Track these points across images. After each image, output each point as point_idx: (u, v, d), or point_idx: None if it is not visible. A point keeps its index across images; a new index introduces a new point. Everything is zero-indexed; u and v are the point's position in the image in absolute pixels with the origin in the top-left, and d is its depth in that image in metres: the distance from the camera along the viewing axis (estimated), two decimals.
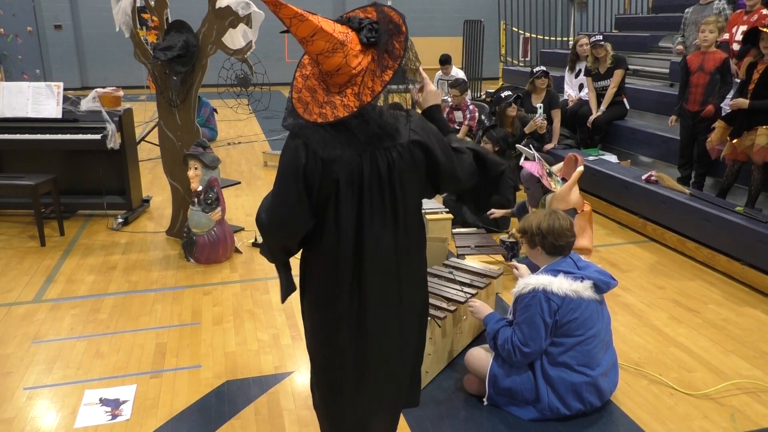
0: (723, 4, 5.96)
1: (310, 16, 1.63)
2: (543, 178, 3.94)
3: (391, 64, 1.71)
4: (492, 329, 2.75)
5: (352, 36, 1.69)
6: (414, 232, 1.90)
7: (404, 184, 1.81)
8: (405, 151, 1.79)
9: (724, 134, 4.75)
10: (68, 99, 5.16)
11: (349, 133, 1.74)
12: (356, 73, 1.70)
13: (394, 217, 1.82)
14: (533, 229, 2.71)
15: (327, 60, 1.67)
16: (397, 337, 1.93)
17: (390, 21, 1.72)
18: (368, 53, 1.72)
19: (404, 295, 1.90)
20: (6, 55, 13.44)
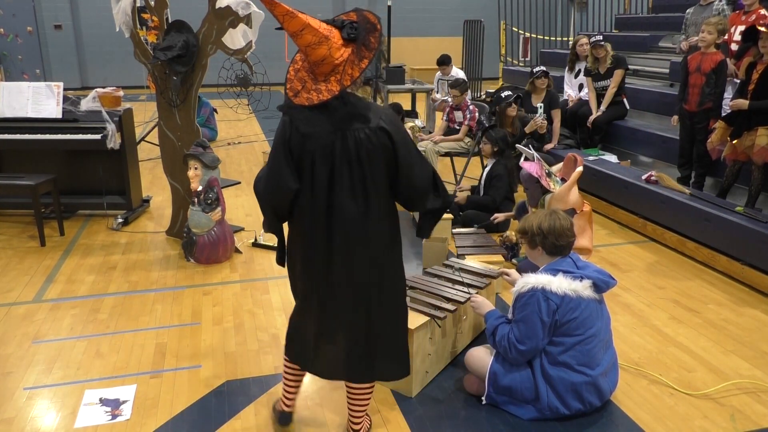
0: (723, 5, 5.96)
1: (299, 13, 1.97)
2: (542, 179, 3.94)
3: (368, 55, 2.06)
4: (491, 325, 2.76)
5: (335, 33, 2.05)
6: (382, 208, 2.19)
7: (371, 162, 2.12)
8: (372, 134, 2.11)
9: (725, 134, 4.75)
10: (68, 99, 5.16)
11: (329, 114, 2.09)
12: (339, 63, 2.04)
13: (362, 188, 2.13)
14: (534, 229, 2.71)
15: (314, 51, 2.02)
16: (354, 296, 2.24)
17: (367, 21, 2.07)
18: (349, 47, 2.06)
19: (369, 260, 2.21)
20: (6, 55, 13.44)
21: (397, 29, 13.78)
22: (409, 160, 2.17)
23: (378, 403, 2.83)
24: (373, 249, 2.22)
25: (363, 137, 2.10)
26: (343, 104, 2.09)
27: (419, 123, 7.86)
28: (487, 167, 5.25)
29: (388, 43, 10.82)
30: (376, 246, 2.22)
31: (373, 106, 2.17)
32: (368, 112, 2.13)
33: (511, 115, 5.85)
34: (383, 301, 2.29)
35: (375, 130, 2.11)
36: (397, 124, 2.16)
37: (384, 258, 2.26)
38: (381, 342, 2.33)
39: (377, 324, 2.30)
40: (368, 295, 2.26)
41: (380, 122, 2.12)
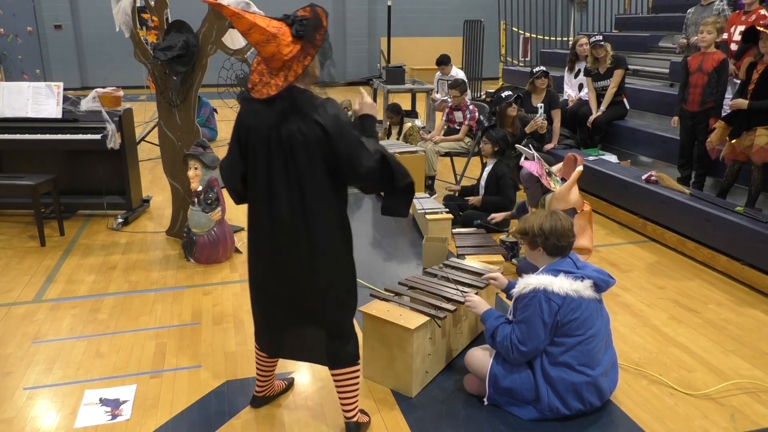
0: (723, 5, 5.96)
1: (246, 14, 2.12)
2: (542, 178, 3.94)
3: (312, 52, 2.18)
4: (491, 325, 2.75)
5: (286, 30, 2.16)
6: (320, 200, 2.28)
7: (305, 155, 2.22)
8: (305, 128, 2.21)
9: (724, 134, 4.75)
10: (68, 99, 5.16)
11: (273, 108, 2.22)
12: (288, 59, 2.15)
13: (296, 180, 2.25)
14: (535, 230, 2.70)
15: (263, 48, 2.15)
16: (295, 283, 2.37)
17: (317, 18, 2.18)
18: (298, 43, 2.17)
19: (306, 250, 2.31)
20: (6, 55, 13.44)
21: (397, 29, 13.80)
22: (348, 151, 2.23)
23: (378, 403, 2.83)
24: (311, 239, 2.30)
25: (295, 130, 2.21)
26: (286, 99, 2.20)
27: (419, 123, 7.86)
28: (486, 167, 5.25)
29: (388, 43, 10.83)
30: (312, 236, 2.30)
31: (317, 101, 2.24)
32: (308, 107, 2.21)
33: (511, 115, 5.85)
34: (323, 288, 2.38)
35: (308, 123, 2.20)
36: (335, 117, 2.23)
37: (323, 248, 2.33)
38: (326, 328, 2.44)
39: (320, 310, 2.41)
40: (308, 282, 2.37)
41: (315, 115, 2.20)
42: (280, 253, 2.34)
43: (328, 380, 3.00)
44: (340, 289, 2.43)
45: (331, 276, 2.39)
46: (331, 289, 2.40)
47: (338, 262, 2.40)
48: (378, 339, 2.91)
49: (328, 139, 2.21)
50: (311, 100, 2.24)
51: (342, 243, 2.40)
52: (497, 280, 3.11)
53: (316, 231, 2.31)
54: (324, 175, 2.27)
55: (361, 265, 4.36)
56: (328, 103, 2.25)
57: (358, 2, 15.70)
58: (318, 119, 2.20)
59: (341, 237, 2.39)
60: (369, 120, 2.47)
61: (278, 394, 2.87)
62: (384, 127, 7.31)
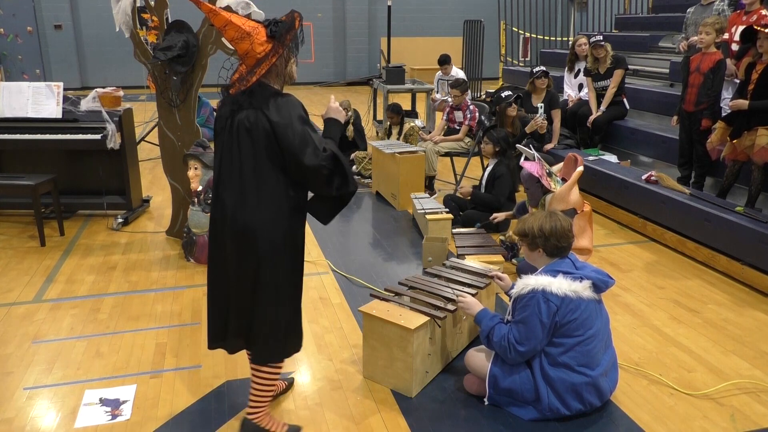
0: (723, 5, 5.95)
1: (222, 12, 2.26)
2: (543, 178, 3.94)
3: (279, 51, 2.30)
4: (487, 326, 2.74)
5: (261, 30, 2.29)
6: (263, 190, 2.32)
7: (251, 145, 2.29)
8: (252, 117, 2.28)
9: (724, 134, 4.75)
10: (68, 99, 5.17)
11: (234, 99, 2.33)
12: (261, 57, 2.28)
13: (238, 168, 2.33)
14: (535, 231, 2.69)
15: (237, 45, 2.29)
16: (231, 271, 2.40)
17: (291, 20, 2.31)
18: (271, 43, 2.29)
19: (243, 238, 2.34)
20: (6, 55, 13.44)
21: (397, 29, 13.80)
22: (292, 144, 2.26)
23: (378, 403, 2.83)
24: (249, 227, 2.33)
25: (243, 118, 2.29)
26: (247, 91, 2.29)
27: (419, 123, 7.86)
28: (488, 168, 5.25)
29: (388, 43, 10.83)
30: (252, 225, 2.33)
31: (271, 95, 2.31)
32: (260, 98, 2.29)
33: (511, 115, 5.85)
34: (256, 280, 2.38)
35: (257, 113, 2.28)
36: (287, 111, 2.28)
37: (261, 239, 2.34)
38: (256, 322, 2.43)
39: (250, 306, 2.42)
40: (243, 273, 2.39)
41: (263, 106, 2.27)
42: (225, 240, 2.39)
43: (328, 380, 3.01)
44: (272, 292, 2.40)
45: (270, 270, 2.37)
46: (265, 289, 2.39)
47: (277, 255, 2.38)
48: (378, 339, 2.91)
49: (273, 130, 2.26)
50: (266, 93, 2.31)
51: (283, 245, 2.38)
52: (503, 280, 3.10)
53: (255, 221, 2.33)
54: (270, 169, 2.31)
55: (361, 265, 4.40)
56: (283, 98, 2.31)
57: (358, 2, 15.71)
58: (265, 110, 2.27)
59: (282, 239, 2.37)
60: (332, 123, 2.54)
61: (278, 394, 2.87)
62: (384, 127, 7.31)
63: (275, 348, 2.48)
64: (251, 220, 2.33)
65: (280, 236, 2.37)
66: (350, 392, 2.92)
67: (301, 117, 2.32)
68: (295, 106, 2.33)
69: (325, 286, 4.09)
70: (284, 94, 2.36)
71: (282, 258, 2.40)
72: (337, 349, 3.31)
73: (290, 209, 2.39)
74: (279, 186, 2.34)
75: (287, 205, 2.37)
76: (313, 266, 4.42)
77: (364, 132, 7.37)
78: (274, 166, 2.31)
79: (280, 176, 2.33)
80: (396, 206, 5.76)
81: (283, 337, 2.47)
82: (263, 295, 2.40)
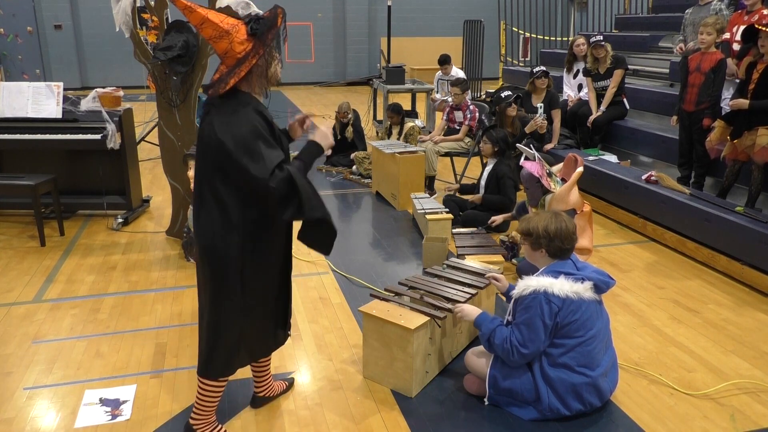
0: (721, 5, 5.95)
1: (199, 8, 2.12)
2: (542, 179, 3.94)
3: (260, 51, 2.16)
4: (487, 329, 2.73)
5: (242, 28, 2.16)
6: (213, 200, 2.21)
7: (206, 154, 2.20)
8: (207, 128, 2.19)
9: (724, 134, 4.75)
10: (68, 99, 5.16)
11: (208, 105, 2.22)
12: (241, 57, 2.15)
13: (199, 177, 2.25)
14: (539, 231, 2.67)
15: (216, 44, 2.15)
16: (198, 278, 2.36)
17: (274, 17, 2.17)
18: (251, 41, 2.16)
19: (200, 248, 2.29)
20: (6, 55, 13.44)
21: (397, 29, 13.81)
22: (240, 159, 2.12)
23: (378, 403, 2.83)
24: (201, 238, 2.27)
25: (204, 127, 2.21)
26: (216, 98, 2.19)
27: (419, 123, 7.86)
28: (487, 167, 5.25)
29: (388, 43, 10.83)
30: (203, 235, 2.26)
31: (232, 113, 2.16)
32: (223, 109, 2.17)
33: (511, 115, 5.85)
34: (204, 293, 2.35)
35: (211, 123, 2.18)
36: (235, 124, 2.14)
37: (210, 251, 2.26)
38: (201, 331, 2.41)
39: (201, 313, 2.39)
40: (201, 281, 2.36)
41: (215, 119, 2.17)
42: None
43: (328, 380, 3.01)
44: (211, 309, 2.33)
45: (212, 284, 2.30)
46: (207, 305, 2.34)
47: (220, 270, 2.27)
48: (378, 339, 2.91)
49: (219, 144, 2.13)
50: (232, 102, 2.18)
51: (234, 264, 2.26)
52: (499, 281, 3.10)
53: (206, 232, 2.25)
54: (221, 184, 2.18)
55: (361, 265, 4.40)
56: (237, 114, 2.16)
57: (358, 2, 15.71)
58: (216, 123, 2.16)
59: (233, 257, 2.24)
60: (312, 146, 2.37)
61: (279, 394, 2.87)
62: (384, 127, 7.32)
63: (212, 364, 2.40)
64: (204, 234, 2.25)
65: (231, 253, 2.24)
66: (350, 392, 2.92)
67: (254, 132, 2.14)
68: (249, 120, 2.16)
69: (325, 286, 4.09)
70: (244, 106, 2.19)
71: (231, 276, 2.27)
72: (337, 349, 3.31)
73: (245, 227, 2.23)
74: (230, 199, 2.20)
75: (241, 222, 2.22)
76: (313, 266, 4.42)
77: (363, 133, 7.38)
78: (225, 180, 2.18)
79: (232, 191, 2.19)
80: (396, 206, 5.76)
81: (210, 351, 2.38)
82: (206, 310, 2.34)
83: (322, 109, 11.71)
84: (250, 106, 2.19)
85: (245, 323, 2.39)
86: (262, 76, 2.22)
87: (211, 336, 2.37)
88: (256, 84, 2.22)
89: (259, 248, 2.31)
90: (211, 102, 2.22)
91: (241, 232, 2.24)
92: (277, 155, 2.17)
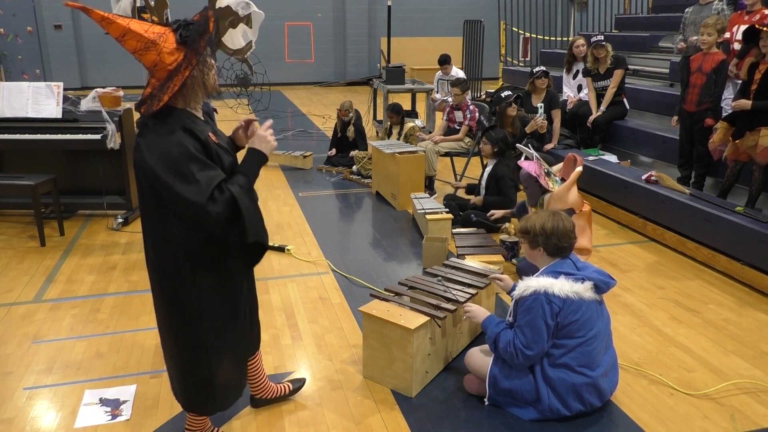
0: (722, 5, 5.95)
1: (119, 18, 1.90)
2: (540, 178, 3.94)
3: (194, 61, 1.95)
4: (493, 332, 2.73)
5: (170, 36, 1.95)
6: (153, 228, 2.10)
7: (137, 177, 2.05)
8: (137, 152, 2.01)
9: (727, 135, 4.74)
10: (68, 99, 5.16)
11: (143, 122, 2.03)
12: (173, 69, 1.94)
13: (140, 198, 2.10)
14: (537, 229, 2.69)
15: (143, 57, 1.94)
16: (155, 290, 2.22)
17: (204, 21, 1.97)
18: (182, 50, 1.96)
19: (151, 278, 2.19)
20: (6, 55, 13.44)
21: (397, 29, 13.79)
22: (169, 183, 1.94)
23: (378, 403, 2.83)
24: (150, 265, 2.17)
25: (135, 150, 2.02)
26: (150, 118, 2.00)
27: (419, 123, 7.86)
28: (487, 167, 5.25)
29: (388, 43, 10.83)
30: (150, 262, 2.17)
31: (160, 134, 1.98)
32: (161, 128, 1.98)
33: (511, 115, 5.85)
34: (160, 325, 2.25)
35: (139, 147, 2.00)
36: (160, 149, 1.95)
37: (157, 278, 2.16)
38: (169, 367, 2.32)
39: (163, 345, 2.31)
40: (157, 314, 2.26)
41: (142, 142, 1.99)
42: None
43: (328, 380, 3.01)
44: (170, 340, 2.24)
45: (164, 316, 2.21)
46: (165, 332, 2.25)
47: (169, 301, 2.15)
48: (378, 339, 2.91)
49: (144, 170, 1.98)
50: (164, 124, 1.99)
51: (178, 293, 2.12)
52: (503, 281, 3.10)
53: (153, 263, 2.15)
54: (155, 207, 2.05)
55: (361, 265, 4.40)
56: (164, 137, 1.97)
57: (358, 2, 15.70)
58: (142, 146, 1.99)
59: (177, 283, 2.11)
60: (253, 155, 2.14)
61: (279, 397, 2.81)
62: (384, 127, 7.31)
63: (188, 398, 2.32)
64: (150, 257, 2.15)
65: (175, 278, 2.11)
66: (350, 392, 2.92)
67: (185, 154, 1.94)
68: (178, 142, 1.96)
69: (325, 286, 4.09)
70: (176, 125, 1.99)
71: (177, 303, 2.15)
72: (337, 349, 3.31)
73: (187, 253, 2.08)
74: (175, 227, 2.05)
75: (182, 248, 2.07)
76: (313, 266, 4.42)
77: (364, 132, 7.39)
78: (160, 204, 2.03)
79: (170, 215, 2.04)
80: (396, 206, 5.76)
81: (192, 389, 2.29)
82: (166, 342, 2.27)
83: (322, 109, 11.71)
84: (179, 126, 1.99)
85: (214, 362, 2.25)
86: (199, 88, 2.03)
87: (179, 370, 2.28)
88: (191, 97, 2.04)
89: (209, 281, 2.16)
90: (144, 122, 2.02)
91: (185, 260, 2.09)
92: (214, 175, 1.98)
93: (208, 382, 2.27)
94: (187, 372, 2.27)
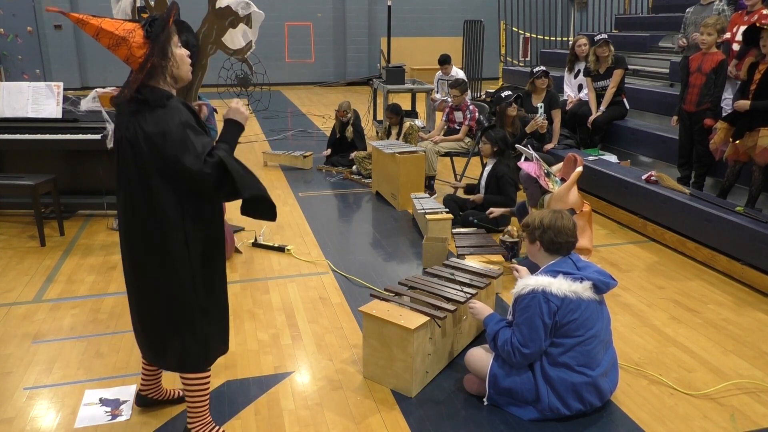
0: (723, 5, 5.95)
1: (93, 19, 2.12)
2: (540, 179, 3.94)
3: (156, 52, 2.15)
4: (492, 330, 2.75)
5: (138, 32, 2.15)
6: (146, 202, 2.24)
7: (131, 155, 2.21)
8: (132, 129, 2.19)
9: (727, 135, 4.74)
10: (68, 99, 5.17)
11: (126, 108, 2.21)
12: (143, 62, 2.15)
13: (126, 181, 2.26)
14: (535, 222, 2.74)
15: (116, 52, 2.15)
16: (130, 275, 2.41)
17: (167, 14, 2.18)
18: (148, 44, 2.16)
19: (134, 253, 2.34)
20: (6, 55, 13.44)
21: (397, 29, 13.80)
22: (173, 157, 2.15)
23: (378, 403, 2.83)
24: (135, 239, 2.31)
25: (132, 128, 2.19)
26: (134, 100, 2.18)
27: (419, 123, 7.86)
28: (486, 167, 5.25)
29: (388, 43, 10.84)
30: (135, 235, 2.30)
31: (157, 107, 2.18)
32: (144, 109, 2.17)
33: (511, 115, 5.85)
34: (148, 292, 2.38)
35: (135, 125, 2.18)
36: (161, 120, 2.16)
37: (146, 254, 2.30)
38: (155, 334, 2.45)
39: (147, 314, 2.44)
40: (137, 285, 2.41)
41: (140, 118, 2.17)
42: (125, 252, 2.39)
43: (328, 380, 3.01)
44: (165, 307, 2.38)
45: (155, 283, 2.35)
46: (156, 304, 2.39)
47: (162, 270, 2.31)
48: (378, 339, 2.91)
49: (150, 140, 2.16)
50: (153, 101, 2.18)
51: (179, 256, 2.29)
52: (520, 272, 3.06)
53: (139, 233, 2.28)
54: (159, 179, 2.21)
55: (361, 265, 4.40)
56: (164, 107, 2.18)
57: (358, 2, 15.70)
58: (141, 121, 2.17)
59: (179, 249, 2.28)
60: (230, 125, 2.36)
61: (166, 400, 2.82)
62: (384, 127, 7.32)
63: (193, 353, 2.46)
64: (135, 230, 2.29)
65: (176, 247, 2.28)
66: (350, 392, 2.92)
67: (182, 123, 2.17)
68: (175, 113, 2.19)
69: (325, 286, 4.09)
70: (168, 101, 2.21)
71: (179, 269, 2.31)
72: (337, 349, 3.31)
73: (184, 219, 2.27)
74: (170, 195, 2.23)
75: (179, 215, 2.26)
76: (313, 266, 4.42)
77: (363, 132, 7.39)
78: (163, 176, 2.20)
79: (169, 186, 2.22)
80: (396, 206, 5.76)
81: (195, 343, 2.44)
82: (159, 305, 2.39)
83: (322, 109, 11.71)
84: (170, 103, 2.20)
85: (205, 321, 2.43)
86: (169, 76, 2.23)
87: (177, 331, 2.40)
88: (164, 84, 2.23)
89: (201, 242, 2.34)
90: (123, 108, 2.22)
91: (182, 227, 2.27)
92: (207, 142, 2.22)
93: (206, 336, 2.44)
94: (184, 332, 2.41)
